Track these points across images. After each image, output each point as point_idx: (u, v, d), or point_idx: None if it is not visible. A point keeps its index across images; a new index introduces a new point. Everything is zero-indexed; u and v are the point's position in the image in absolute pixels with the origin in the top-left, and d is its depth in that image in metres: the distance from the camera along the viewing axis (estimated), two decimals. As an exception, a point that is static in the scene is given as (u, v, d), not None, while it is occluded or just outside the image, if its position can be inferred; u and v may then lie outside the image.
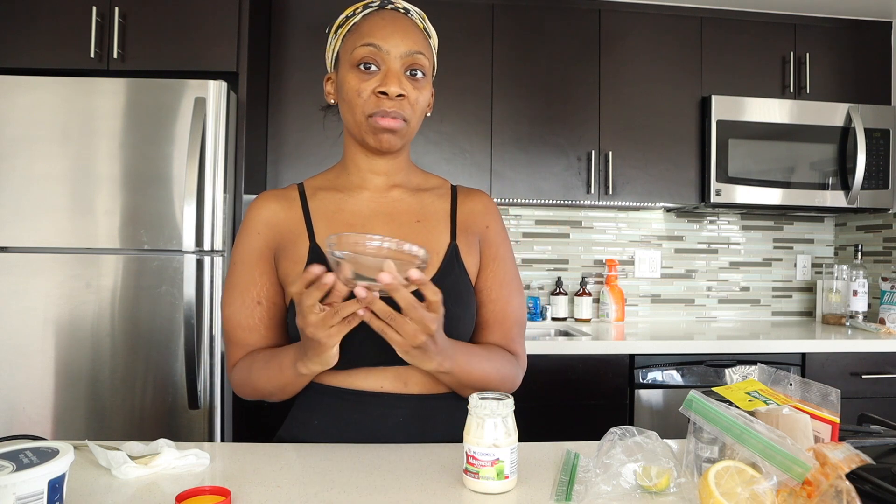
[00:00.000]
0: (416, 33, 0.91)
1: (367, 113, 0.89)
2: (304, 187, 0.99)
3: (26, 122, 1.78)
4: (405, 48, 0.88)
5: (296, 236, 0.94)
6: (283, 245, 0.94)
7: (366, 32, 0.89)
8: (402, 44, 0.88)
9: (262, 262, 0.94)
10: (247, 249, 0.95)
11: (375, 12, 0.91)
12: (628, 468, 0.70)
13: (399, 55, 0.88)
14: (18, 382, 1.76)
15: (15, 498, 0.54)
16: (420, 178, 1.03)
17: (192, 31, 1.95)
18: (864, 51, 2.51)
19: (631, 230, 2.74)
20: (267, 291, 0.94)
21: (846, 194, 2.41)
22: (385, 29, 0.88)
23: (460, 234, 0.98)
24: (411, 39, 0.89)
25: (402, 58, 0.88)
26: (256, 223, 0.96)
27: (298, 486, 0.72)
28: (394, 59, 0.88)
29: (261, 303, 0.94)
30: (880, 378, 2.09)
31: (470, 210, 1.01)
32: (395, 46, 0.88)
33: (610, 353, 2.00)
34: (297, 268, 0.91)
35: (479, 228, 1.01)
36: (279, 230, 0.95)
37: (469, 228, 0.99)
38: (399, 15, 0.91)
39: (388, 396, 0.90)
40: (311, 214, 0.95)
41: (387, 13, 0.91)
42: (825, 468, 0.60)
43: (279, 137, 2.24)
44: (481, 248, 1.00)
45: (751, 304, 2.81)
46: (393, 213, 0.96)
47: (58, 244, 1.78)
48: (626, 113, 2.39)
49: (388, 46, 0.87)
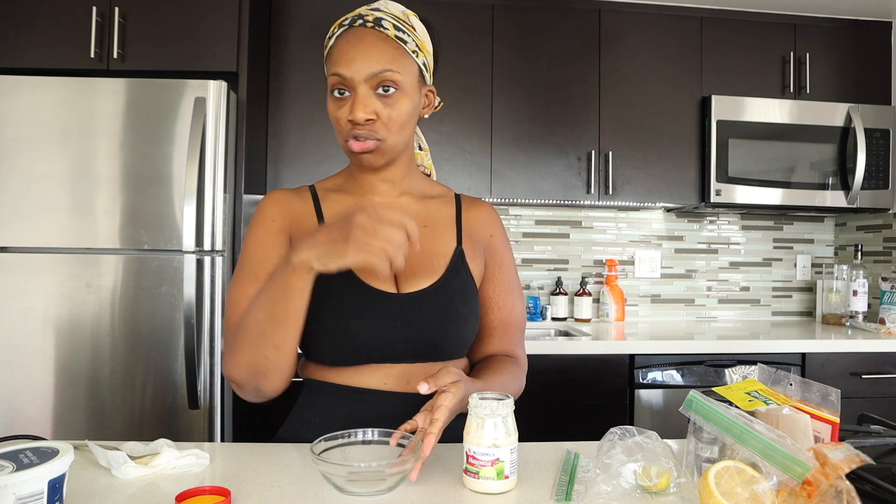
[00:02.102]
0: (384, 48, 0.89)
1: (344, 138, 0.91)
2: (316, 189, 1.01)
3: (26, 122, 1.78)
4: (368, 70, 0.87)
5: (311, 230, 0.95)
6: (300, 235, 0.95)
7: (333, 60, 0.90)
8: (365, 67, 0.87)
9: (276, 244, 0.94)
10: (260, 234, 0.95)
11: (345, 32, 0.91)
12: (628, 468, 0.71)
13: (363, 79, 0.88)
14: (18, 382, 1.76)
15: (15, 498, 0.54)
16: (425, 186, 1.05)
17: (192, 31, 1.95)
18: (864, 51, 2.51)
19: (631, 230, 2.74)
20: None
21: (846, 194, 2.40)
22: (347, 54, 0.88)
23: (465, 240, 1.01)
24: (374, 59, 0.88)
25: (367, 81, 0.88)
26: (271, 212, 0.96)
27: (298, 486, 0.72)
28: (359, 84, 0.88)
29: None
30: (880, 378, 2.09)
31: (474, 218, 1.04)
32: (358, 71, 0.87)
33: (610, 353, 2.00)
34: None
35: (483, 237, 1.04)
36: (294, 219, 0.96)
37: (474, 236, 1.02)
38: (366, 32, 0.89)
39: (391, 395, 0.91)
40: (324, 215, 0.97)
41: (353, 33, 0.90)
42: (825, 468, 0.60)
43: (279, 137, 2.24)
44: (487, 257, 1.03)
45: (751, 304, 2.81)
46: None
47: (58, 244, 1.78)
48: (626, 113, 2.39)
49: (350, 73, 0.88)
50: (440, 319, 0.92)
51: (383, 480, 0.69)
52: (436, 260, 0.96)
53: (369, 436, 0.78)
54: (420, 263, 0.94)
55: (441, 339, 0.92)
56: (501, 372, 0.94)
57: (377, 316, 0.90)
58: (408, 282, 0.93)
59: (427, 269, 0.94)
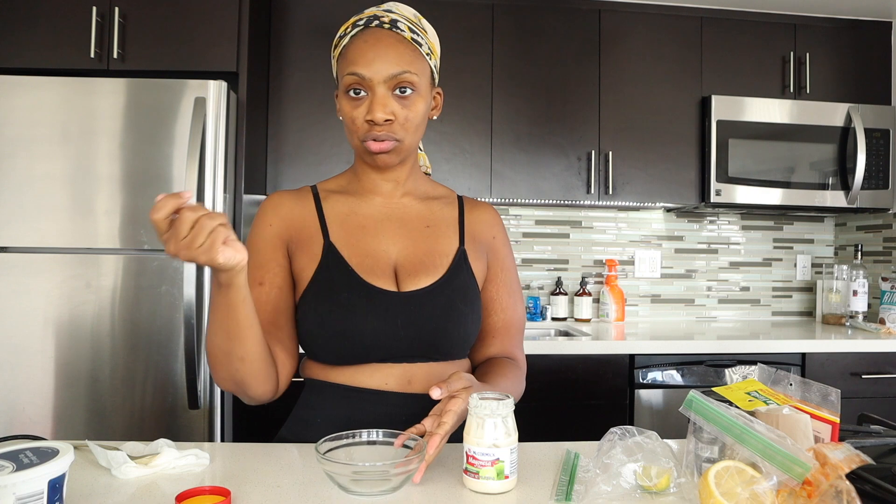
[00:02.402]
0: (402, 49, 0.90)
1: (361, 138, 0.92)
2: (318, 189, 1.02)
3: (26, 122, 1.78)
4: (388, 72, 0.88)
5: (311, 234, 0.96)
6: (299, 239, 0.96)
7: (350, 59, 0.90)
8: (384, 68, 0.88)
9: (271, 248, 0.96)
10: (257, 238, 0.97)
11: (360, 32, 0.91)
12: (628, 468, 0.71)
13: (382, 80, 0.88)
14: (18, 382, 1.76)
15: (15, 498, 0.54)
16: (428, 187, 1.05)
17: (192, 31, 1.95)
18: (864, 51, 2.51)
19: (631, 230, 2.74)
20: (273, 276, 0.95)
21: (846, 194, 2.40)
22: (367, 55, 0.88)
23: (468, 241, 1.01)
24: (393, 60, 0.89)
25: (386, 82, 0.89)
26: (270, 216, 0.98)
27: (298, 486, 0.72)
28: (378, 85, 0.89)
29: (262, 284, 0.94)
30: (880, 378, 2.09)
31: (477, 220, 1.04)
32: (378, 72, 0.88)
33: (610, 353, 2.00)
34: (311, 263, 0.94)
35: (486, 238, 1.04)
36: (293, 224, 0.97)
37: (476, 237, 1.03)
38: (384, 33, 0.90)
39: (392, 395, 0.91)
40: (325, 215, 0.97)
41: (370, 33, 0.90)
42: (825, 468, 0.60)
43: (279, 137, 2.24)
44: (489, 259, 1.04)
45: (751, 304, 2.81)
46: (403, 217, 0.99)
47: (58, 244, 1.78)
48: (626, 113, 2.39)
49: (370, 73, 0.88)
50: (441, 318, 0.92)
51: (388, 481, 0.69)
52: (438, 259, 0.96)
53: (374, 436, 0.78)
54: (422, 262, 0.95)
55: (442, 337, 0.92)
56: (506, 376, 0.94)
57: (377, 314, 0.90)
58: (409, 280, 0.93)
59: (429, 267, 0.95)
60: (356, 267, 0.92)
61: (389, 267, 0.94)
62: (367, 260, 0.93)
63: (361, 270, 0.92)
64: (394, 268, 0.95)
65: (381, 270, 0.93)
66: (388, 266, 0.94)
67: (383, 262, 0.94)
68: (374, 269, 0.93)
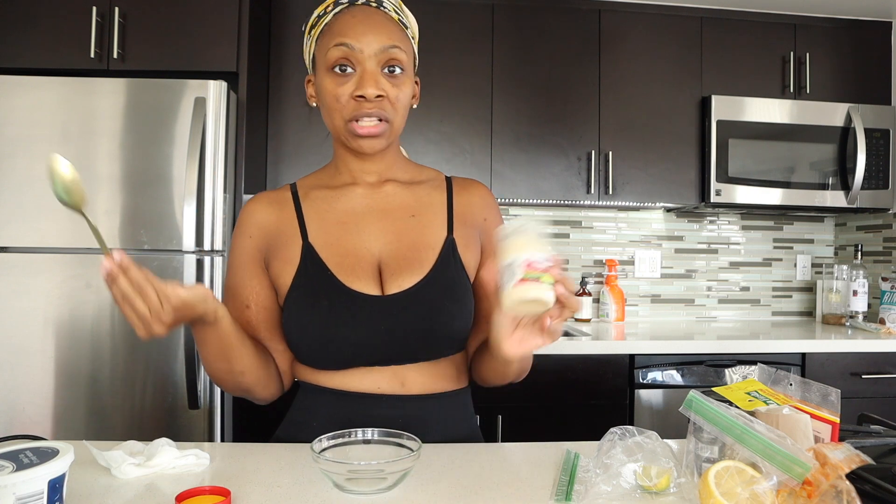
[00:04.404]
0: (391, 27, 0.88)
1: (347, 118, 0.87)
2: (297, 187, 0.98)
3: (26, 122, 1.78)
4: (379, 44, 0.85)
5: (288, 237, 0.92)
6: (275, 246, 0.92)
7: (337, 32, 0.86)
8: (376, 40, 0.85)
9: (251, 265, 0.93)
10: (238, 253, 0.94)
11: (346, 9, 0.88)
12: (628, 468, 0.70)
13: (373, 53, 0.85)
14: (18, 382, 1.76)
15: (15, 498, 0.54)
16: (413, 171, 1.00)
17: (192, 31, 1.95)
18: (864, 51, 2.51)
19: (631, 230, 2.74)
20: (256, 296, 0.93)
21: (846, 194, 2.40)
22: (357, 27, 0.85)
23: (457, 227, 0.95)
24: (385, 34, 0.86)
25: (377, 55, 0.85)
26: (248, 226, 0.94)
27: (298, 486, 0.72)
28: (368, 58, 0.85)
29: (249, 307, 0.93)
30: (880, 378, 2.09)
31: (467, 202, 0.98)
32: (369, 44, 0.85)
33: (610, 353, 2.00)
34: (288, 268, 0.90)
35: (477, 221, 0.98)
36: (270, 232, 0.93)
37: (467, 221, 0.97)
38: (371, 10, 0.88)
39: (386, 397, 0.89)
40: (303, 214, 0.94)
41: (358, 9, 0.87)
42: (825, 468, 0.60)
43: (279, 137, 2.24)
44: (482, 241, 0.98)
45: (751, 304, 2.81)
46: (387, 208, 0.94)
47: (58, 244, 1.78)
48: (626, 113, 2.39)
49: (361, 45, 0.85)
50: (426, 320, 0.88)
51: (383, 479, 0.69)
52: (423, 253, 0.91)
53: (370, 435, 0.78)
54: (406, 258, 0.90)
55: (429, 339, 0.89)
56: None
57: (360, 321, 0.86)
58: (393, 280, 0.89)
59: (413, 264, 0.90)
60: (336, 269, 0.88)
61: (372, 266, 0.90)
62: (348, 260, 0.89)
63: (342, 273, 0.88)
64: (377, 266, 0.90)
65: (362, 271, 0.89)
66: (371, 265, 0.90)
67: (365, 262, 0.89)
68: (355, 269, 0.88)
